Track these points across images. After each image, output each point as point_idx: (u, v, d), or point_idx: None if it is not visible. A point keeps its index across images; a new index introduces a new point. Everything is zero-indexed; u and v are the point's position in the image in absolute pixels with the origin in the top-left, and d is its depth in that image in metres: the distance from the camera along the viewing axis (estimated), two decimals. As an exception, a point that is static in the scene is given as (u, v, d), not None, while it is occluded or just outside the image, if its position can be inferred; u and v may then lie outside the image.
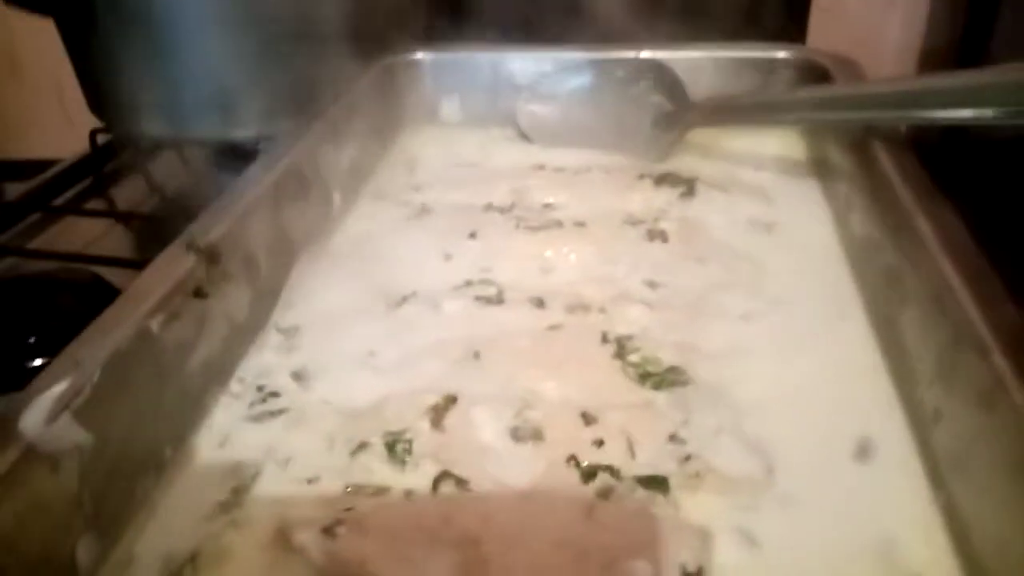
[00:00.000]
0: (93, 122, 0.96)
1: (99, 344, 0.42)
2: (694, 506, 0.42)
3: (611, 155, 0.79)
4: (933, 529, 0.40)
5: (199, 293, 0.49)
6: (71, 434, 0.38)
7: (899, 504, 0.41)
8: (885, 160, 0.59)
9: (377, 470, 0.45)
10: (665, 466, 0.44)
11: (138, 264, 0.55)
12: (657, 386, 0.49)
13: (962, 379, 0.41)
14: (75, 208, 0.92)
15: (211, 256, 0.50)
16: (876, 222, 0.56)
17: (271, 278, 0.58)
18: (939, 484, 0.41)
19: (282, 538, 0.40)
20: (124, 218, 0.90)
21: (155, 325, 0.45)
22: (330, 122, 0.72)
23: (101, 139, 0.99)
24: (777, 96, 0.77)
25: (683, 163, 0.76)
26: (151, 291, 0.46)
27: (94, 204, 0.95)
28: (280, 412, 0.49)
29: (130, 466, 0.42)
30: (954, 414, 0.41)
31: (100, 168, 1.00)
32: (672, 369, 0.50)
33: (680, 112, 0.77)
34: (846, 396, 0.48)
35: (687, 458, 0.44)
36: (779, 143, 0.79)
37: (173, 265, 0.49)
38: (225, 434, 0.48)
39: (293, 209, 0.61)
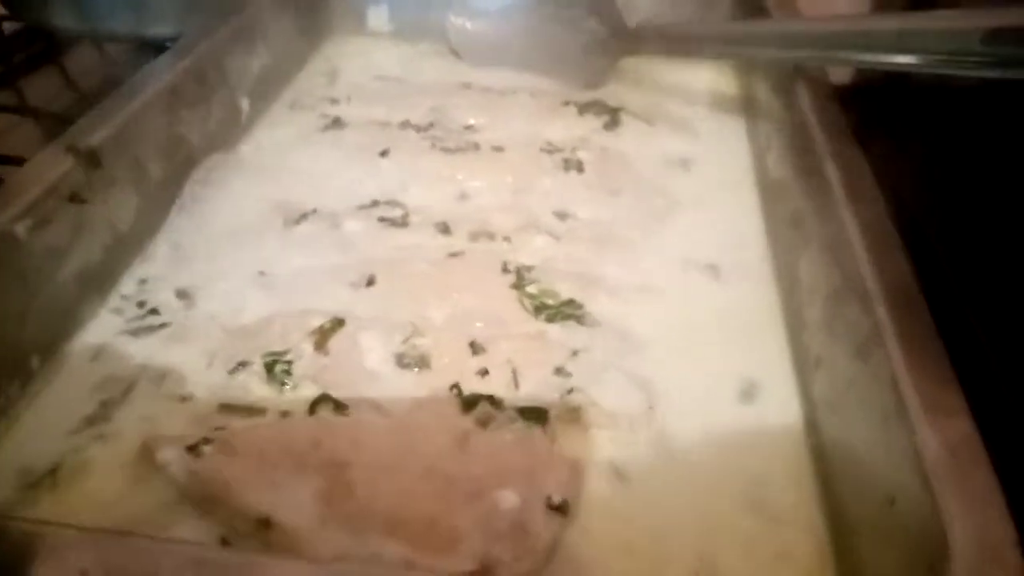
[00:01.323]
0: (-1, 10, 0.89)
1: (-44, 247, 0.39)
2: (571, 439, 0.42)
3: (541, 78, 0.76)
4: (802, 474, 0.41)
5: (76, 198, 0.46)
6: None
7: (774, 447, 0.42)
8: (806, 102, 0.58)
9: (255, 390, 0.44)
10: (547, 398, 0.43)
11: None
12: (551, 318, 0.49)
13: (844, 327, 0.41)
14: (-24, 101, 0.86)
15: (92, 159, 0.48)
16: (789, 164, 0.56)
17: (164, 186, 0.55)
18: (813, 430, 0.42)
19: (147, 454, 0.39)
20: (33, 113, 0.85)
21: (21, 229, 0.42)
22: (245, 23, 0.68)
23: (8, 27, 0.93)
24: (711, 28, 0.75)
25: (612, 92, 0.74)
26: (22, 192, 0.44)
27: (2, 98, 0.89)
28: (161, 327, 0.47)
29: (-10, 375, 0.40)
30: (833, 361, 0.42)
31: (8, 58, 0.94)
32: (569, 302, 0.50)
33: (614, 39, 0.75)
34: (739, 338, 0.48)
35: (570, 391, 0.44)
36: (711, 77, 0.77)
37: (50, 166, 0.46)
38: (100, 346, 0.46)
39: (192, 113, 0.58)
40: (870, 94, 0.74)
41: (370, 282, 0.50)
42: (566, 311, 0.49)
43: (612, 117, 0.69)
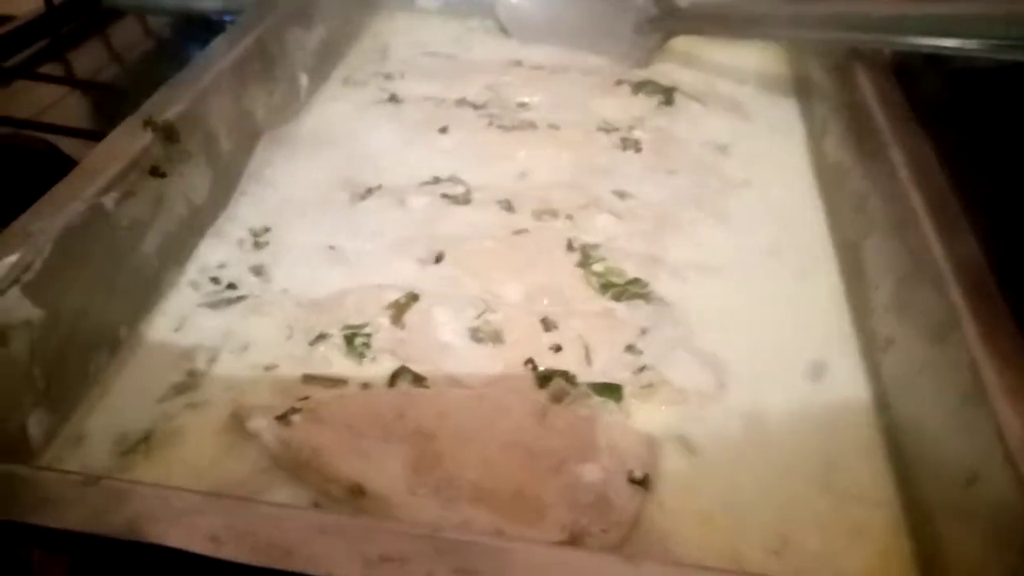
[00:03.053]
0: (44, -19, 0.90)
1: (51, 218, 0.40)
2: (645, 415, 0.43)
3: (590, 56, 0.77)
4: (874, 452, 0.41)
5: (156, 171, 0.47)
6: (20, 308, 0.37)
7: (844, 426, 0.43)
8: (865, 85, 0.58)
9: (335, 361, 0.45)
10: (619, 375, 0.44)
11: (96, 135, 0.53)
12: (618, 296, 0.49)
13: (916, 310, 0.42)
14: (30, 71, 0.87)
15: (169, 133, 0.49)
16: (849, 147, 0.56)
17: (233, 160, 0.56)
18: (884, 409, 0.43)
19: (237, 422, 0.41)
20: (82, 86, 0.86)
21: (109, 201, 0.43)
22: (298, 1, 0.69)
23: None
24: (763, 9, 0.75)
25: (663, 71, 0.75)
26: (106, 166, 0.45)
27: (50, 68, 0.90)
28: (238, 300, 0.48)
29: (83, 343, 0.42)
30: (905, 343, 0.43)
31: (57, 30, 0.94)
32: (634, 281, 0.50)
33: (664, 17, 0.75)
34: (804, 317, 0.49)
35: (642, 368, 0.45)
36: (762, 57, 0.78)
37: (130, 140, 0.47)
38: (182, 317, 0.47)
39: (257, 88, 0.59)
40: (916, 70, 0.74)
41: (438, 258, 0.51)
42: (632, 289, 0.50)
43: (666, 97, 0.70)
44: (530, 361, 0.45)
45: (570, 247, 0.53)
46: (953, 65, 0.81)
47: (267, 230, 0.53)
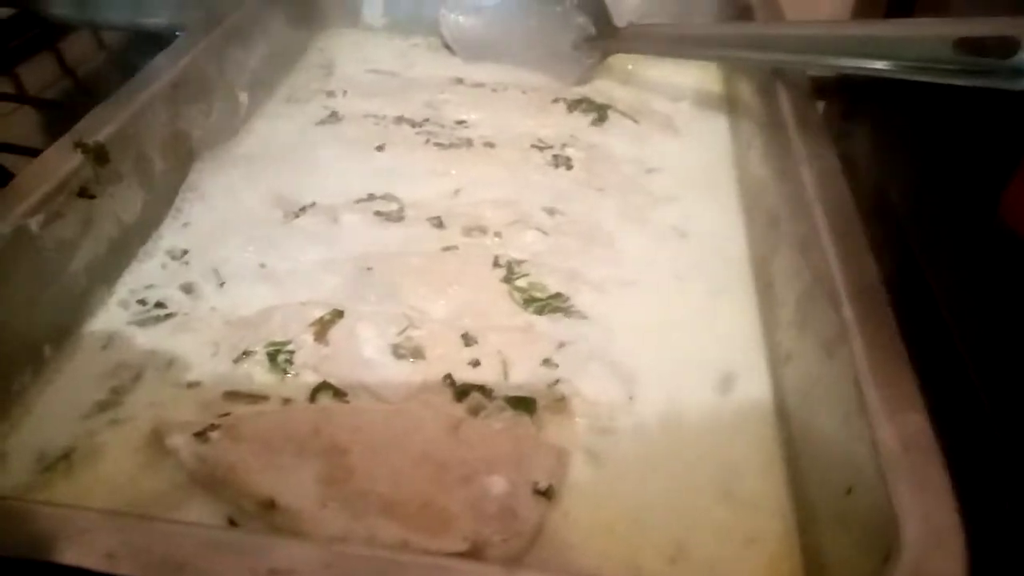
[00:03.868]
0: (-9, -5, 0.90)
1: (-27, 241, 0.41)
2: (557, 427, 0.44)
3: (531, 74, 0.79)
4: (773, 463, 0.43)
5: (85, 193, 0.48)
6: (-62, 329, 0.38)
7: (747, 437, 0.44)
8: (786, 103, 0.60)
9: (258, 378, 0.46)
10: (535, 388, 0.46)
11: (40, 153, 0.54)
12: (540, 311, 0.51)
13: (813, 325, 0.44)
14: (-24, 87, 0.87)
15: (100, 154, 0.50)
16: (768, 165, 0.58)
17: (167, 180, 0.57)
18: (784, 421, 0.45)
19: (156, 439, 0.42)
20: (31, 101, 0.86)
21: (35, 224, 0.44)
22: (243, 18, 0.70)
23: (3, 12, 0.93)
24: (697, 30, 0.77)
25: (600, 88, 0.77)
26: (34, 187, 0.46)
27: (-2, 84, 0.90)
28: (166, 317, 0.49)
29: (5, 363, 0.43)
30: (803, 357, 0.44)
31: (5, 44, 0.94)
32: (556, 295, 0.52)
33: (603, 37, 0.77)
34: (718, 331, 0.51)
35: (556, 381, 0.46)
36: (698, 75, 0.80)
37: (60, 161, 0.48)
38: (109, 335, 0.48)
39: (193, 109, 0.60)
40: (853, 87, 0.76)
41: (367, 272, 0.52)
42: (554, 304, 0.52)
43: (600, 114, 0.72)
44: (448, 376, 0.46)
45: (496, 263, 0.54)
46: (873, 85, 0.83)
47: (199, 249, 0.54)
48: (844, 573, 0.34)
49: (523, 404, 0.45)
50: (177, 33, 0.81)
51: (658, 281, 0.54)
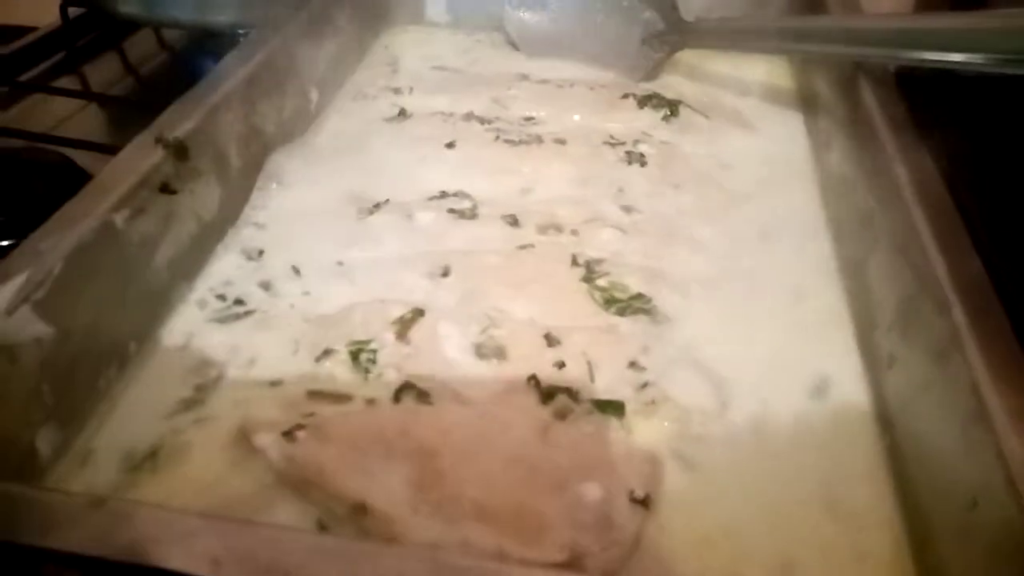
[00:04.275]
0: (63, -5, 0.91)
1: (61, 236, 0.41)
2: (647, 432, 0.43)
3: (597, 70, 0.77)
4: (877, 473, 0.41)
5: (167, 188, 0.48)
6: (30, 326, 0.38)
7: (847, 445, 0.43)
8: (870, 100, 0.58)
9: (340, 377, 0.45)
10: (623, 391, 0.45)
11: (110, 149, 0.54)
12: (622, 312, 0.50)
13: (919, 329, 0.42)
14: (45, 85, 0.88)
15: (179, 151, 0.49)
16: (854, 162, 0.56)
17: (242, 176, 0.57)
18: (886, 427, 0.43)
19: (243, 438, 0.41)
20: (97, 99, 0.87)
21: (120, 219, 0.44)
22: (310, 15, 0.70)
23: (73, 12, 0.95)
24: (768, 23, 0.75)
25: (669, 84, 0.75)
26: (117, 184, 0.46)
27: (65, 82, 0.91)
28: (246, 315, 0.49)
29: (92, 360, 0.42)
30: (908, 362, 0.43)
31: (72, 43, 0.95)
32: (638, 296, 0.51)
33: (671, 31, 0.75)
34: (808, 334, 0.49)
35: (644, 385, 0.45)
36: (767, 70, 0.78)
37: (141, 157, 0.48)
38: (190, 332, 0.48)
39: (267, 105, 0.60)
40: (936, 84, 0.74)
41: (445, 273, 0.52)
42: (636, 305, 0.50)
43: (671, 110, 0.70)
44: (533, 377, 0.45)
45: (575, 262, 0.53)
46: (958, 79, 0.81)
47: (276, 246, 0.54)
48: (971, 592, 0.33)
49: (612, 408, 0.44)
50: (240, 32, 0.81)
51: (742, 281, 0.53)
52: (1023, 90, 0.63)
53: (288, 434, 0.40)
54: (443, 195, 0.59)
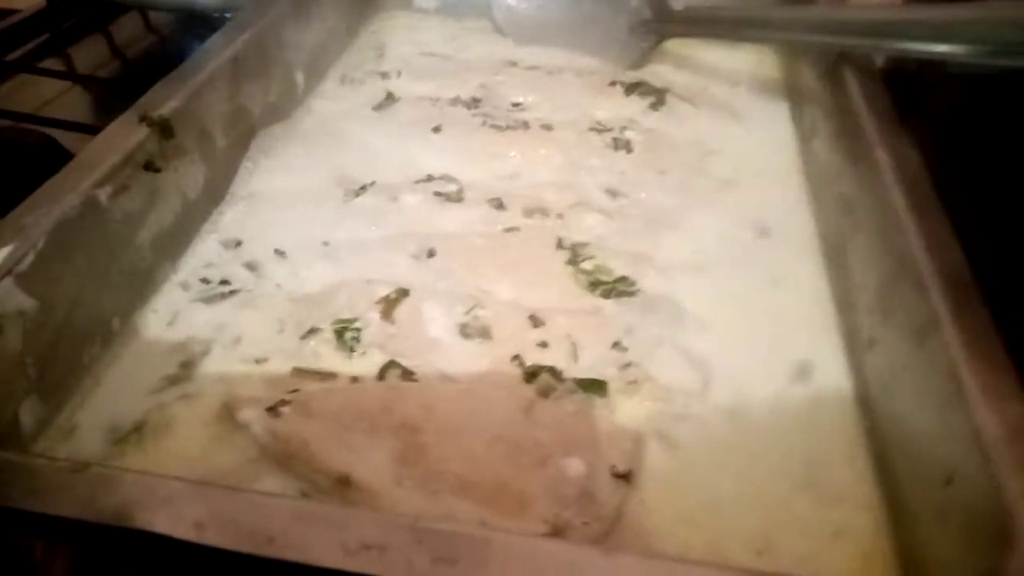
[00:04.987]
0: (46, -23, 0.90)
1: (44, 211, 0.41)
2: (630, 411, 0.43)
3: (585, 57, 0.77)
4: (857, 452, 0.42)
5: (151, 166, 0.48)
6: (13, 299, 0.38)
7: (828, 425, 0.43)
8: (854, 89, 0.58)
9: (325, 355, 0.45)
10: (606, 371, 0.45)
11: (95, 130, 0.53)
12: (606, 294, 0.50)
13: (898, 311, 0.42)
14: (31, 66, 0.88)
15: (164, 129, 0.49)
16: (837, 149, 0.57)
17: (228, 156, 0.57)
18: (867, 409, 0.43)
19: (227, 414, 0.41)
20: (83, 80, 0.86)
21: (103, 195, 0.44)
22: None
23: (59, -7, 0.94)
24: (756, 12, 0.75)
25: (656, 72, 0.75)
26: (101, 160, 0.45)
27: (51, 63, 0.90)
28: (231, 294, 0.49)
29: (76, 334, 0.42)
30: (888, 344, 0.43)
31: (58, 25, 0.95)
32: (622, 279, 0.51)
33: (658, 19, 0.76)
34: (790, 316, 0.50)
35: (627, 365, 0.45)
36: (754, 59, 0.78)
37: (125, 135, 0.48)
38: (176, 310, 0.48)
39: (253, 85, 0.60)
40: (921, 74, 0.74)
41: (430, 255, 0.52)
42: (620, 287, 0.51)
43: (658, 97, 0.70)
44: (517, 357, 0.45)
45: (560, 245, 0.53)
46: (944, 70, 0.82)
47: (261, 226, 0.54)
48: (949, 566, 0.33)
49: (594, 386, 0.44)
50: (227, 15, 0.81)
51: (725, 265, 0.53)
52: (1005, 82, 0.64)
53: (272, 409, 0.40)
54: (429, 178, 0.59)
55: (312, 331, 0.46)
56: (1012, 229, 0.57)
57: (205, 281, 0.50)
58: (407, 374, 0.44)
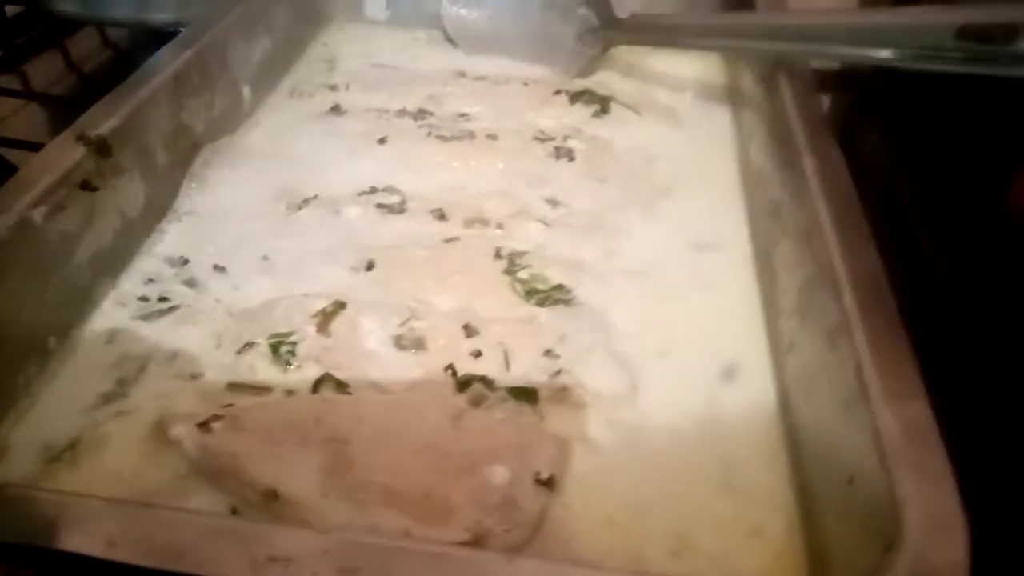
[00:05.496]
0: (-1, -7, 0.90)
1: (-24, 233, 0.41)
2: (558, 418, 0.44)
3: (533, 66, 0.78)
4: (775, 454, 0.43)
5: (88, 185, 0.48)
6: (-58, 321, 0.38)
7: (750, 428, 0.44)
8: (787, 94, 0.60)
9: (261, 370, 0.46)
10: (537, 379, 0.46)
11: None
12: (541, 302, 0.51)
13: (814, 314, 0.44)
14: (-18, 85, 0.88)
15: (102, 147, 0.50)
16: (769, 155, 0.58)
17: (170, 173, 0.57)
18: (786, 411, 0.45)
19: (160, 431, 0.42)
20: (38, 98, 0.86)
21: (38, 215, 0.45)
22: (246, 11, 0.70)
23: (11, 10, 0.94)
24: (699, 20, 0.77)
25: (603, 80, 0.76)
26: (37, 180, 0.46)
27: (5, 81, 0.90)
28: (170, 310, 0.50)
29: (10, 354, 0.43)
30: (804, 346, 0.44)
31: (11, 41, 0.95)
32: (558, 287, 0.52)
33: (604, 28, 0.77)
34: (721, 321, 0.51)
35: (558, 372, 0.46)
36: (699, 66, 0.79)
37: (62, 154, 0.48)
38: (114, 328, 0.48)
39: (196, 102, 0.60)
40: (860, 78, 0.76)
41: (369, 266, 0.53)
42: (555, 295, 0.52)
43: (602, 106, 0.72)
44: (451, 367, 0.46)
45: (498, 255, 0.54)
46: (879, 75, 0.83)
47: (202, 242, 0.54)
48: (847, 563, 0.34)
49: (524, 395, 0.45)
50: (181, 29, 0.81)
51: (660, 272, 0.54)
52: (939, 85, 0.65)
53: (204, 425, 0.41)
54: (372, 190, 0.60)
55: (248, 345, 0.47)
56: (958, 227, 0.58)
57: (144, 298, 0.50)
58: (341, 386, 0.45)
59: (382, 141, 0.65)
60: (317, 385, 0.45)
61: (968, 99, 0.61)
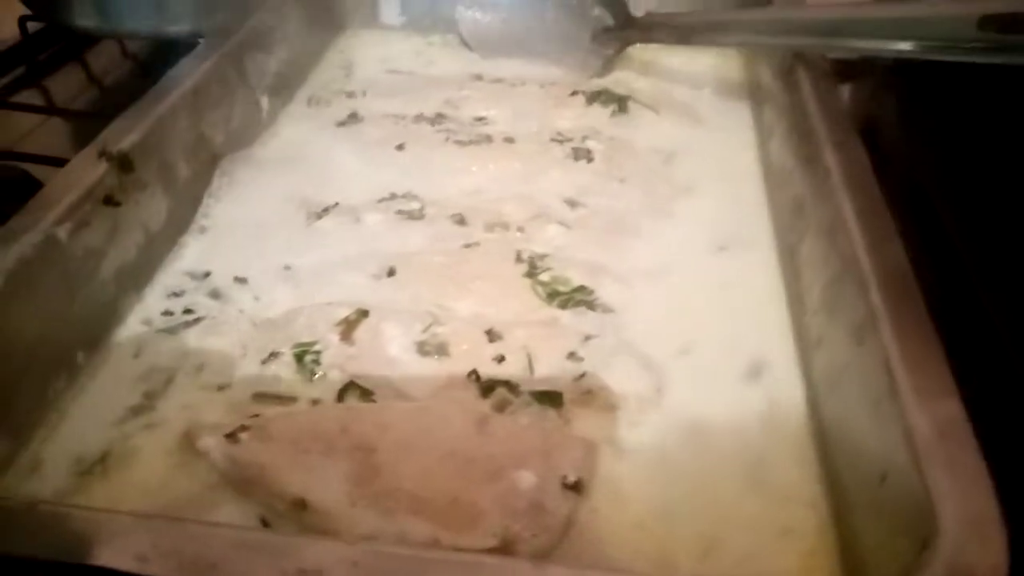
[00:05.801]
0: (21, 9, 0.92)
1: (3, 251, 0.42)
2: (584, 421, 0.44)
3: (549, 67, 0.78)
4: (805, 452, 0.42)
5: (110, 201, 0.49)
6: (-27, 341, 0.39)
7: (778, 427, 0.44)
8: (807, 89, 0.59)
9: (286, 379, 0.46)
10: (561, 382, 0.46)
11: (66, 163, 0.54)
12: (563, 305, 0.51)
13: (841, 311, 0.43)
14: (5, 100, 0.89)
15: (123, 163, 0.50)
16: (790, 151, 0.58)
17: (191, 186, 0.58)
18: (814, 409, 0.44)
19: (188, 442, 0.42)
20: (60, 113, 0.88)
21: (63, 232, 0.45)
22: (262, 22, 0.70)
23: (32, 27, 0.95)
24: (715, 16, 0.76)
25: (620, 79, 0.76)
26: (60, 197, 0.46)
27: (27, 96, 0.92)
28: (195, 322, 0.50)
29: (39, 371, 0.43)
30: (832, 343, 0.44)
31: (33, 57, 0.96)
32: (580, 289, 0.52)
33: (620, 27, 0.77)
34: (746, 320, 0.50)
35: (582, 375, 0.46)
36: (717, 63, 0.79)
37: (85, 171, 0.49)
38: (140, 341, 0.49)
39: (215, 114, 0.61)
40: (880, 70, 0.75)
41: (391, 273, 0.53)
42: (577, 297, 0.51)
43: (620, 105, 0.71)
44: (474, 372, 0.46)
45: (519, 258, 0.54)
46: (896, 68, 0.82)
47: (225, 253, 0.55)
48: (881, 562, 0.34)
49: (549, 398, 0.45)
50: (199, 40, 0.82)
51: (682, 271, 0.54)
52: (962, 76, 0.64)
53: (231, 436, 0.41)
54: (392, 197, 0.60)
55: (273, 355, 0.47)
56: (987, 217, 0.57)
57: (169, 312, 0.51)
58: (366, 394, 0.45)
59: (400, 147, 0.66)
60: (342, 393, 0.45)
61: (990, 88, 0.60)
